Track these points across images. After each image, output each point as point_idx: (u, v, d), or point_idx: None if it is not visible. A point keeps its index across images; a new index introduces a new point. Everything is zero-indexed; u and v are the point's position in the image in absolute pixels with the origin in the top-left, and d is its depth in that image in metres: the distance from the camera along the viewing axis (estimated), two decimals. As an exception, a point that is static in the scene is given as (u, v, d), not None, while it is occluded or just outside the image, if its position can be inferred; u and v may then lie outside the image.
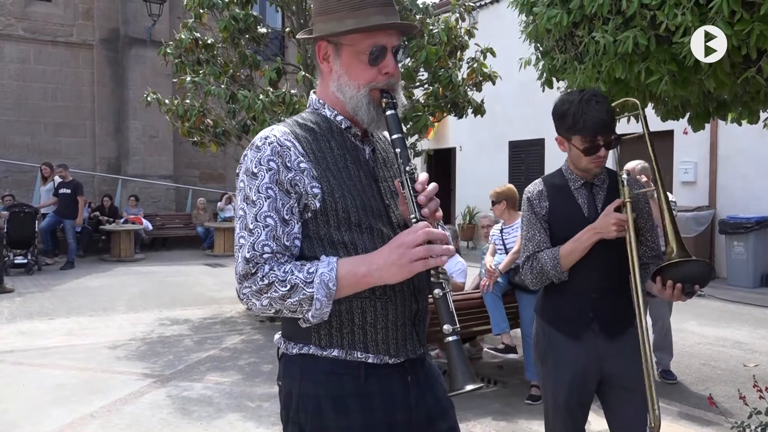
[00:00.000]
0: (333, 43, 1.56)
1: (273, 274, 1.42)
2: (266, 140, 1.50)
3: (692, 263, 2.16)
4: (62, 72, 14.33)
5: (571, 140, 2.32)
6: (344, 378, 1.51)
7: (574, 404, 2.39)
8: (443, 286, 1.45)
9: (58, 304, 8.12)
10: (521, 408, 4.52)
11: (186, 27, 7.23)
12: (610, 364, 2.35)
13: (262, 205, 1.46)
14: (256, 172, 1.48)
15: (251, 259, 1.44)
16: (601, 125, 2.24)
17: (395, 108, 1.55)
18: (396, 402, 1.55)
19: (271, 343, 6.26)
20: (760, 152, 9.69)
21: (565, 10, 2.67)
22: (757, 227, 9.42)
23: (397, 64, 1.57)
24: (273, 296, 1.43)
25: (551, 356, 2.43)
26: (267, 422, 4.23)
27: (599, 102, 2.25)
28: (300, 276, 1.42)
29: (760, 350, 6.11)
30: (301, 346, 1.54)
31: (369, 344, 1.52)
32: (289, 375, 1.57)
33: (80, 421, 4.22)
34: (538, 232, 2.43)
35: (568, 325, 2.39)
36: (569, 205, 2.40)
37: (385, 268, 1.42)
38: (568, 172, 2.44)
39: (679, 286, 2.13)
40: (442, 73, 7.03)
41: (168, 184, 15.03)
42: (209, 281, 10.18)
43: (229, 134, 7.21)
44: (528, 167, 13.97)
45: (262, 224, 1.45)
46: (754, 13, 2.09)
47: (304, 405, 1.52)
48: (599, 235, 2.25)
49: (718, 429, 4.05)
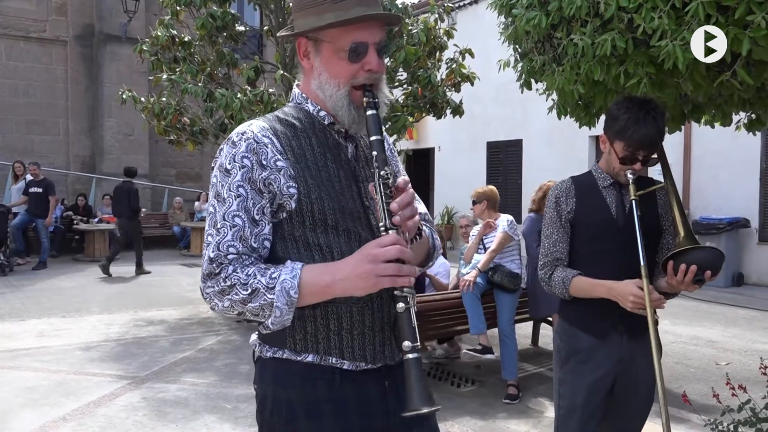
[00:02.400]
0: (313, 39, 1.51)
1: (235, 276, 1.39)
2: (243, 136, 1.45)
3: (702, 250, 2.16)
4: (35, 69, 14.07)
5: (614, 143, 2.30)
6: (318, 383, 1.47)
7: (591, 406, 2.38)
8: (407, 301, 1.37)
9: (30, 305, 7.97)
10: (499, 407, 4.54)
11: (162, 24, 7.14)
12: (626, 370, 2.35)
13: (231, 204, 1.42)
14: (229, 169, 1.43)
15: (215, 258, 1.40)
16: (648, 142, 2.22)
17: (376, 108, 1.49)
18: (372, 408, 1.50)
19: (248, 344, 6.19)
20: (733, 154, 9.88)
21: (543, 12, 2.68)
22: (729, 228, 9.60)
23: (381, 60, 1.51)
24: (234, 299, 1.39)
25: (573, 358, 2.40)
26: (244, 423, 4.19)
27: (655, 118, 2.21)
28: (262, 281, 1.38)
29: (731, 349, 6.23)
30: (275, 350, 1.50)
31: (345, 350, 1.47)
32: (263, 378, 1.53)
33: (52, 424, 4.14)
34: (559, 239, 2.41)
35: (593, 326, 2.37)
36: (597, 203, 2.37)
37: (349, 280, 1.36)
38: (597, 172, 2.42)
39: (693, 269, 2.09)
40: (421, 74, 7.05)
41: (144, 183, 14.82)
42: (185, 281, 10.07)
43: (207, 133, 7.14)
44: (506, 168, 14.07)
45: (229, 224, 1.41)
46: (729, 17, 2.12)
47: (277, 409, 1.49)
48: (614, 299, 2.23)
49: (692, 426, 4.12)
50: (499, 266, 4.91)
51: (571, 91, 2.88)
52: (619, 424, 2.47)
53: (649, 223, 2.32)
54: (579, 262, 2.39)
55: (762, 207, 9.80)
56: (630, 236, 2.21)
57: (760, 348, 6.21)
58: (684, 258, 2.13)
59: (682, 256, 2.15)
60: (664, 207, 2.40)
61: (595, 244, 2.36)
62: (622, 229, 2.30)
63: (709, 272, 2.13)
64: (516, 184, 13.65)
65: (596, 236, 2.36)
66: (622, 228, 2.31)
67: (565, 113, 3.54)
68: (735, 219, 9.72)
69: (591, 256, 2.36)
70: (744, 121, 3.70)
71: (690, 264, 2.11)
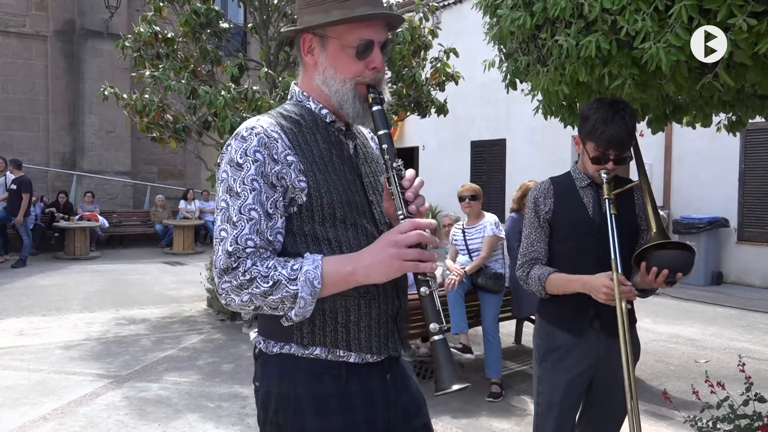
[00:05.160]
0: (319, 35, 1.53)
1: (255, 269, 1.38)
2: (252, 131, 1.45)
3: (673, 251, 2.19)
4: (14, 64, 13.85)
5: (585, 144, 2.34)
6: (325, 378, 1.49)
7: (569, 403, 2.41)
8: (429, 284, 1.42)
9: (9, 303, 7.86)
10: (482, 405, 4.57)
11: (145, 20, 7.06)
12: (604, 368, 2.38)
13: (247, 197, 1.41)
14: (241, 163, 1.43)
15: (233, 252, 1.39)
16: (617, 141, 2.25)
17: (382, 103, 1.53)
18: (375, 400, 1.54)
19: (231, 342, 6.19)
20: (713, 155, 10.02)
21: (528, 12, 2.69)
22: (708, 227, 9.74)
23: (383, 59, 1.55)
24: (254, 292, 1.39)
25: (551, 356, 2.43)
26: (227, 422, 4.17)
27: (624, 118, 2.24)
28: (283, 272, 1.38)
29: (710, 347, 6.32)
30: (282, 345, 1.50)
31: (352, 342, 1.50)
32: (267, 375, 1.53)
33: (32, 424, 4.09)
34: (537, 239, 2.46)
35: (570, 323, 2.40)
36: (574, 203, 2.41)
37: (373, 267, 1.40)
38: (576, 172, 2.46)
39: (664, 272, 2.12)
40: (406, 73, 7.06)
41: (125, 181, 14.70)
42: (168, 279, 9.99)
43: (190, 130, 7.08)
44: (489, 167, 14.14)
45: (246, 217, 1.41)
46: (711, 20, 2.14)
47: (283, 405, 1.49)
48: (588, 292, 2.26)
49: (672, 423, 4.17)
50: (483, 268, 4.93)
51: (555, 92, 2.90)
52: (597, 421, 2.51)
53: (626, 222, 2.36)
54: (558, 261, 2.43)
55: (741, 207, 9.95)
56: (606, 235, 2.24)
57: (739, 346, 6.31)
58: (656, 260, 2.16)
59: (654, 255, 2.18)
60: (641, 207, 2.43)
61: (573, 243, 2.40)
62: (599, 228, 2.33)
63: (680, 274, 2.18)
64: (499, 183, 13.72)
65: (574, 235, 2.40)
66: (598, 227, 2.34)
67: (550, 113, 3.57)
68: (714, 218, 9.86)
69: (569, 254, 2.39)
70: (724, 122, 3.76)
71: (662, 266, 2.14)
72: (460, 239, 5.14)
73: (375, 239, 1.48)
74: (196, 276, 8.67)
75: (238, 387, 4.87)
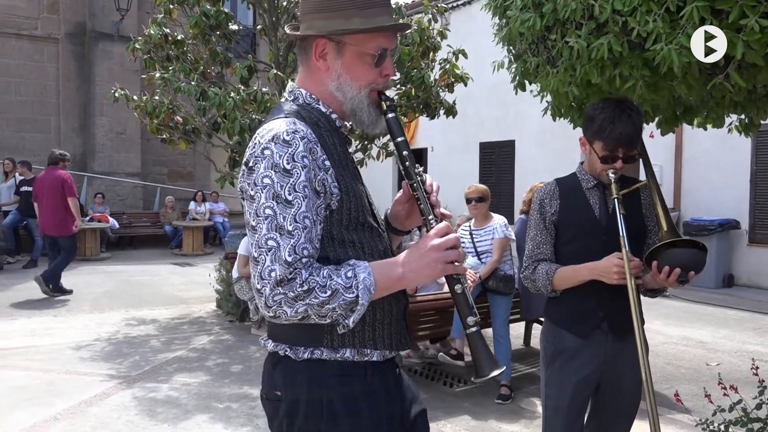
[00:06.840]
0: (335, 41, 1.51)
1: (312, 279, 1.36)
2: (296, 134, 1.41)
3: (685, 249, 2.19)
4: (26, 66, 13.96)
5: (593, 144, 2.34)
6: (353, 379, 1.50)
7: (577, 406, 2.41)
8: (461, 282, 1.50)
9: (20, 303, 7.92)
10: (491, 407, 4.56)
11: (155, 22, 7.10)
12: (611, 370, 2.37)
13: (301, 205, 1.38)
14: (289, 169, 1.38)
15: (292, 263, 1.35)
16: (626, 139, 2.25)
17: (396, 110, 1.55)
18: (393, 396, 1.58)
19: (240, 343, 6.21)
20: (724, 156, 9.95)
21: (538, 14, 2.68)
22: (719, 229, 9.66)
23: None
24: (311, 303, 1.36)
25: (559, 359, 2.43)
26: (236, 423, 4.18)
27: (630, 116, 2.24)
28: (339, 281, 1.38)
29: (722, 350, 6.27)
30: (312, 350, 1.48)
31: (377, 341, 1.53)
32: (293, 383, 1.50)
33: (43, 424, 4.12)
34: (543, 241, 2.45)
35: (578, 325, 2.39)
36: (581, 205, 2.41)
37: (419, 271, 1.46)
38: (582, 174, 2.46)
39: (676, 271, 2.12)
40: (415, 74, 7.05)
41: (135, 182, 14.77)
42: (177, 281, 10.03)
43: (199, 132, 7.11)
44: (498, 168, 14.11)
45: (301, 225, 1.37)
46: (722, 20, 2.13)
47: (314, 411, 1.48)
48: (600, 277, 2.25)
49: (683, 426, 4.14)
50: (493, 271, 4.91)
51: (565, 93, 2.89)
52: (607, 423, 2.49)
53: (633, 224, 2.35)
54: (564, 262, 2.42)
55: (752, 208, 9.87)
56: (614, 236, 2.24)
57: (750, 349, 6.26)
58: (668, 259, 2.16)
59: (666, 254, 2.17)
60: (648, 208, 2.43)
61: (580, 245, 2.39)
62: (606, 230, 2.33)
63: (693, 272, 2.17)
64: (508, 184, 13.68)
65: (580, 236, 2.39)
66: (605, 228, 2.34)
67: (559, 115, 3.56)
68: (725, 220, 9.78)
69: (575, 256, 2.38)
70: (735, 123, 3.73)
71: (674, 265, 2.14)
72: (468, 241, 5.12)
73: (382, 238, 1.56)
74: (206, 277, 8.70)
75: (247, 388, 4.88)
